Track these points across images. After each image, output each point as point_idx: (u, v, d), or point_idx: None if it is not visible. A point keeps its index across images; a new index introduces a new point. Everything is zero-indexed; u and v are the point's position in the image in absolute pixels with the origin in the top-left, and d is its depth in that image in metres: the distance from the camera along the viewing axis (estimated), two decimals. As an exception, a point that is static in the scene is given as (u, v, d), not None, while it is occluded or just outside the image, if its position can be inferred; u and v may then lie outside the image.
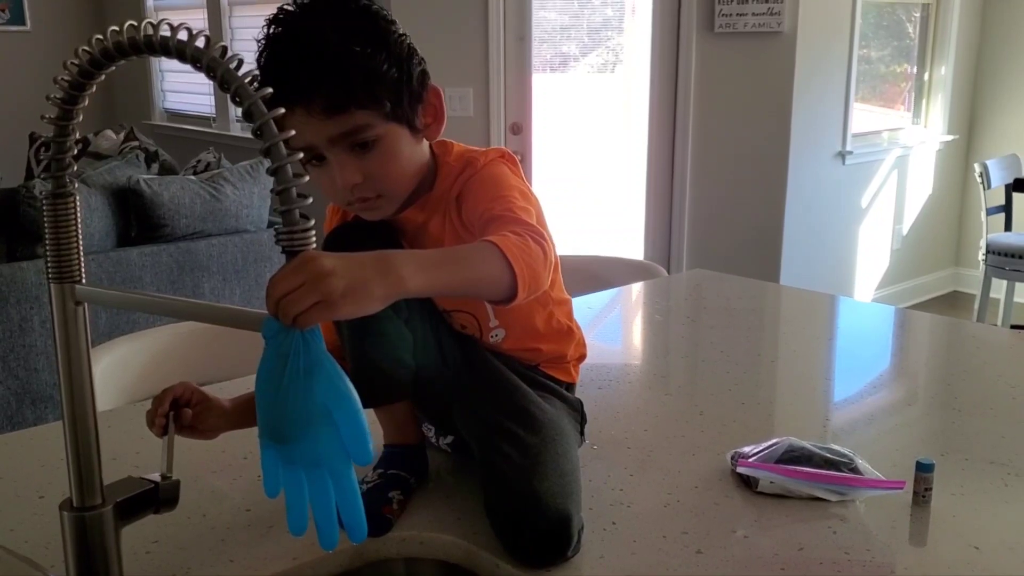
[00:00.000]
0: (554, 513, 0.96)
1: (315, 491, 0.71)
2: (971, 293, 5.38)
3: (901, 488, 1.07)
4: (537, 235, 0.94)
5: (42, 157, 0.80)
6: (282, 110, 0.67)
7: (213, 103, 5.69)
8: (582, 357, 1.24)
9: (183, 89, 6.05)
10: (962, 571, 0.96)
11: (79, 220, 0.82)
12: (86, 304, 0.83)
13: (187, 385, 1.03)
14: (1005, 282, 4.41)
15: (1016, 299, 4.52)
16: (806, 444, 1.13)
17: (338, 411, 0.68)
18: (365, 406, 0.69)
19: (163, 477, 0.91)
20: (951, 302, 5.42)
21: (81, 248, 0.82)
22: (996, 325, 4.40)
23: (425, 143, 1.08)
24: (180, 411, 1.01)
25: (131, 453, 1.24)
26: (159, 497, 0.90)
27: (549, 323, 1.17)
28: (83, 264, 0.82)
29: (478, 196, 1.05)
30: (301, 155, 0.71)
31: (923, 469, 1.08)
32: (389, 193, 1.05)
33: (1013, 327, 4.15)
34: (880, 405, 1.46)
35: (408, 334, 1.06)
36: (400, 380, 1.07)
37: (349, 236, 1.08)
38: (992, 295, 4.43)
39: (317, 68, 0.95)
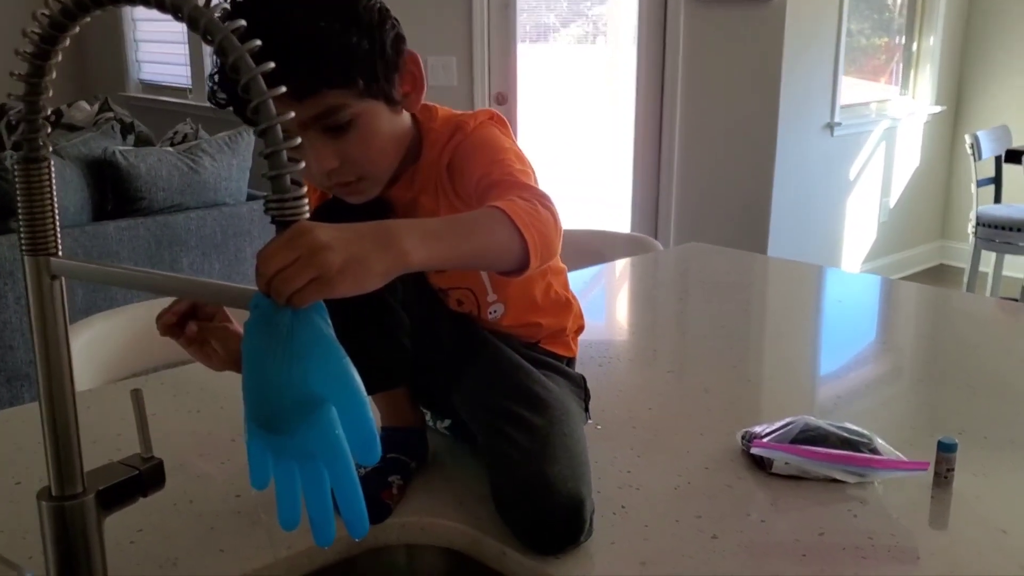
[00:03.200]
0: (566, 498, 0.91)
1: (309, 483, 0.64)
2: (958, 266, 5.36)
3: (925, 470, 1.02)
4: (545, 200, 0.89)
5: (11, 119, 0.73)
6: (271, 64, 0.61)
7: (189, 74, 5.57)
8: (580, 328, 1.19)
9: (158, 60, 5.91)
10: (991, 556, 0.92)
11: (54, 188, 0.75)
12: (63, 278, 0.76)
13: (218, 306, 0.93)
14: (994, 254, 4.39)
15: (1005, 272, 4.50)
16: (822, 423, 1.09)
17: (339, 403, 0.61)
18: None
19: (143, 459, 0.84)
20: (938, 275, 5.40)
21: (57, 218, 0.76)
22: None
23: (406, 113, 1.01)
24: (187, 323, 0.91)
25: (112, 436, 1.18)
26: (144, 481, 0.84)
27: (548, 294, 1.11)
28: (59, 235, 0.76)
29: (472, 162, 0.98)
30: (292, 114, 0.64)
31: (945, 449, 1.03)
32: (371, 175, 0.98)
33: (1003, 299, 4.13)
34: (890, 381, 1.41)
35: (404, 317, 1.00)
36: (397, 366, 1.01)
37: (336, 212, 1.01)
38: (981, 268, 4.41)
39: (282, 51, 0.88)
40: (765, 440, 1.08)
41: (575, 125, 4.65)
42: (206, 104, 5.42)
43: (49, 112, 0.75)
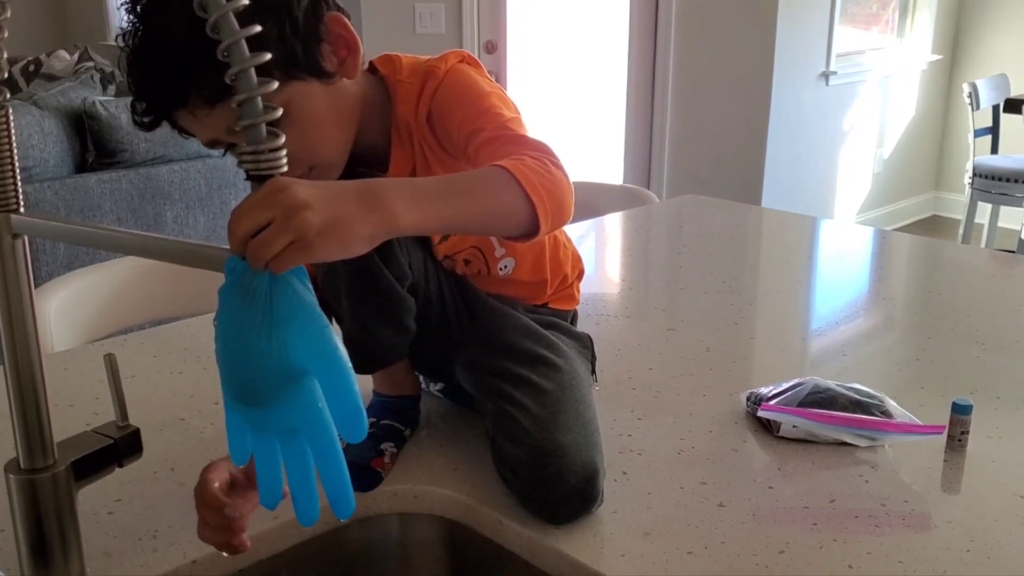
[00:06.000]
0: (581, 468, 0.86)
1: (291, 460, 0.59)
2: (951, 217, 5.32)
3: (940, 433, 0.98)
4: (554, 156, 0.82)
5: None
6: (244, 0, 0.54)
7: (172, 22, 5.44)
8: (582, 273, 1.13)
9: (140, 7, 5.77)
10: (1009, 523, 0.88)
11: (13, 138, 0.69)
12: (26, 237, 0.71)
13: (218, 472, 0.78)
14: (990, 206, 4.34)
15: (1000, 223, 4.46)
16: (831, 384, 1.04)
17: (322, 375, 0.56)
18: (356, 372, 0.56)
19: (118, 428, 0.79)
20: (931, 226, 5.36)
21: (17, 171, 0.70)
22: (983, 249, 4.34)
23: (348, 81, 0.90)
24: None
25: (89, 399, 1.13)
26: (119, 450, 0.79)
27: (552, 240, 1.06)
28: (20, 190, 0.70)
29: (455, 112, 0.90)
30: (268, 55, 0.57)
31: (960, 411, 0.99)
32: (322, 161, 0.89)
33: (997, 251, 4.09)
34: (898, 339, 1.37)
35: (411, 300, 0.94)
36: (399, 347, 0.95)
37: None
38: (976, 219, 4.36)
39: (173, 70, 0.79)
40: (772, 403, 1.03)
41: (567, 74, 4.55)
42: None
43: (5, 58, 0.69)
